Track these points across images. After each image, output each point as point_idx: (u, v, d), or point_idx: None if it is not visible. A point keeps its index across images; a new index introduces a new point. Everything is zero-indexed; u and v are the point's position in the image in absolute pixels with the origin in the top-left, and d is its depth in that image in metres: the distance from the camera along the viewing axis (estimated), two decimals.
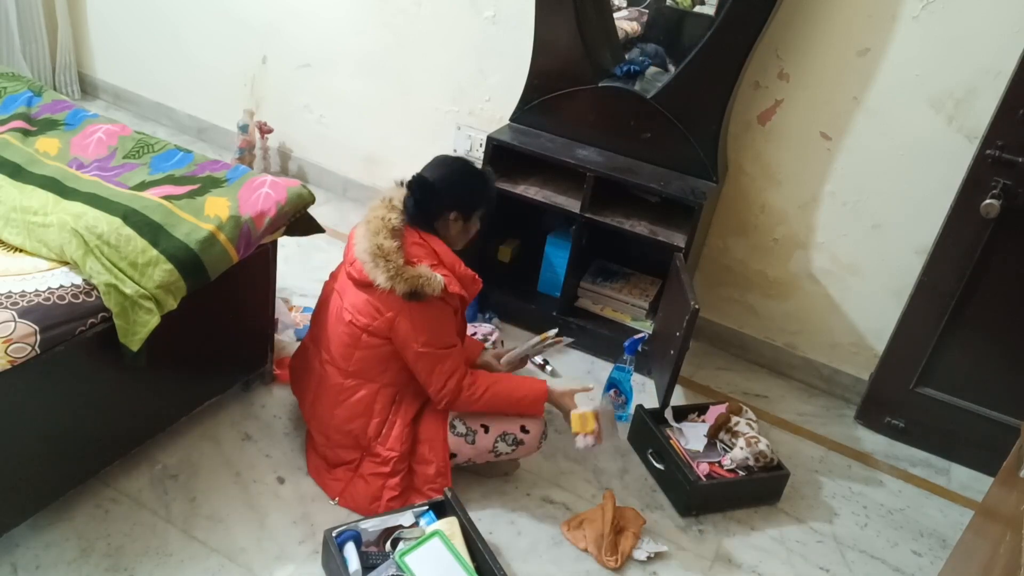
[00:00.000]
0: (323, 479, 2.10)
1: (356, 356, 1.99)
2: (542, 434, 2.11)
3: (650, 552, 2.05)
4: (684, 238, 2.54)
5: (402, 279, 1.85)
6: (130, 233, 1.83)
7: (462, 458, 2.07)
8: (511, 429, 2.06)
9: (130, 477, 2.04)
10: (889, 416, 2.66)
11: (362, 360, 1.99)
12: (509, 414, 2.05)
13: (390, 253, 1.87)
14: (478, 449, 2.06)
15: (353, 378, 2.01)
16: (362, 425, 2.02)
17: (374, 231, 1.90)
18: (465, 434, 2.04)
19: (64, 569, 1.79)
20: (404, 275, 1.86)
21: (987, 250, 2.34)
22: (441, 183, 2.00)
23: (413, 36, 3.16)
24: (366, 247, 1.89)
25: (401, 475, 2.02)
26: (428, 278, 1.87)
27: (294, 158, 3.72)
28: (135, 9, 3.84)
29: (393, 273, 1.85)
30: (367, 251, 1.89)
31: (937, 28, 2.31)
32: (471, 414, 2.04)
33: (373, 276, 1.88)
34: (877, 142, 2.50)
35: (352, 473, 2.06)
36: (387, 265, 1.86)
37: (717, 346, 3.00)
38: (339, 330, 2.01)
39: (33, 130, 2.29)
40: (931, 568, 2.20)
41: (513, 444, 2.06)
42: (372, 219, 1.93)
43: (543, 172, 2.81)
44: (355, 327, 1.96)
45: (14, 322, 1.61)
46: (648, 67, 2.75)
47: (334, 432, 2.05)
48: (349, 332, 1.98)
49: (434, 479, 2.02)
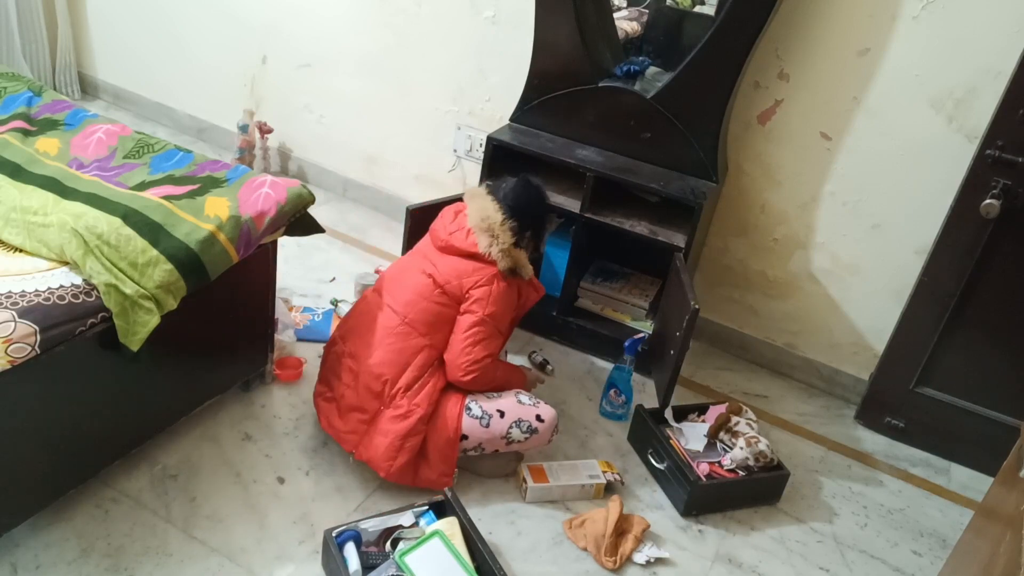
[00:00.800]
0: (337, 432, 2.12)
1: (421, 307, 2.09)
2: (555, 427, 2.15)
3: (650, 557, 2.04)
4: (684, 238, 2.54)
5: (508, 256, 2.10)
6: (130, 233, 1.83)
7: (473, 441, 2.08)
8: (526, 416, 2.10)
9: (130, 477, 2.04)
10: (889, 416, 2.66)
11: (426, 311, 2.09)
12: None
13: (503, 233, 2.10)
14: (491, 433, 2.08)
15: (409, 326, 2.09)
16: (396, 373, 2.06)
17: (492, 210, 2.12)
18: (480, 417, 2.07)
19: (64, 569, 1.79)
20: (511, 253, 2.10)
21: (987, 250, 2.34)
22: (531, 205, 2.22)
23: (413, 36, 3.17)
24: (480, 221, 2.11)
25: (420, 436, 2.04)
26: (525, 263, 2.15)
27: (294, 158, 3.72)
28: (135, 9, 3.84)
29: (504, 248, 2.09)
30: (483, 224, 2.10)
31: (937, 28, 2.31)
32: (487, 400, 2.11)
33: (484, 245, 2.08)
34: (877, 142, 2.50)
35: (366, 426, 2.07)
36: (498, 240, 2.09)
37: (717, 346, 3.00)
38: (415, 280, 2.13)
39: (33, 130, 2.29)
40: (931, 568, 2.20)
41: (527, 431, 2.10)
42: (481, 206, 2.13)
43: (543, 172, 2.80)
44: (434, 281, 2.10)
45: (14, 322, 1.60)
46: (648, 67, 2.75)
47: (365, 373, 2.08)
48: (425, 284, 2.11)
49: (444, 449, 2.05)
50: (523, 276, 2.15)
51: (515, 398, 2.14)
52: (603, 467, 2.26)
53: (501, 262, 2.08)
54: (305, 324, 2.66)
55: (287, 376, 2.43)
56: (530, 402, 2.14)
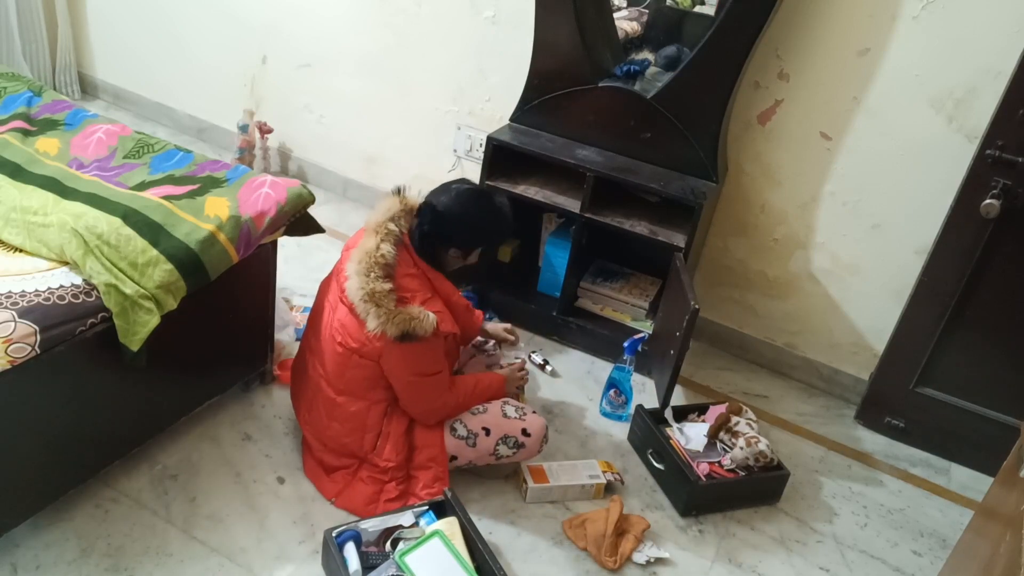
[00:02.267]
0: (320, 480, 2.10)
1: (347, 375, 1.99)
2: (543, 438, 2.12)
3: (650, 557, 2.04)
4: (684, 238, 2.54)
5: (393, 323, 1.83)
6: (130, 233, 1.83)
7: (463, 460, 2.07)
8: (512, 432, 2.07)
9: (130, 477, 2.04)
10: (889, 416, 2.66)
11: (352, 380, 1.99)
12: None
13: (382, 298, 1.83)
14: (479, 452, 2.06)
15: (344, 395, 2.01)
16: (357, 439, 2.03)
17: (365, 271, 1.85)
18: (466, 437, 2.05)
19: (64, 569, 1.79)
20: (395, 319, 1.83)
21: (987, 250, 2.34)
22: (453, 219, 1.98)
23: (413, 36, 3.16)
24: (357, 288, 1.85)
25: (399, 480, 2.03)
26: (420, 319, 1.85)
27: (294, 158, 3.72)
28: (135, 9, 3.84)
29: (384, 319, 1.82)
30: (359, 296, 1.85)
31: (937, 28, 2.30)
32: (472, 417, 2.07)
33: (364, 318, 1.85)
34: (877, 142, 2.50)
35: (350, 476, 2.07)
36: (378, 311, 1.83)
37: (717, 346, 3.00)
38: (331, 348, 2.00)
39: (33, 130, 2.29)
40: (931, 568, 2.20)
41: (514, 447, 2.07)
42: (363, 256, 1.87)
43: (543, 172, 2.81)
44: (346, 348, 1.96)
45: (14, 322, 1.60)
46: (648, 67, 2.75)
47: (330, 442, 2.06)
48: (341, 354, 1.97)
49: (432, 484, 2.03)
50: (421, 335, 1.84)
51: (501, 411, 2.09)
52: (603, 467, 2.26)
53: (389, 331, 1.82)
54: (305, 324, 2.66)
55: (288, 378, 2.42)
56: (516, 415, 2.09)
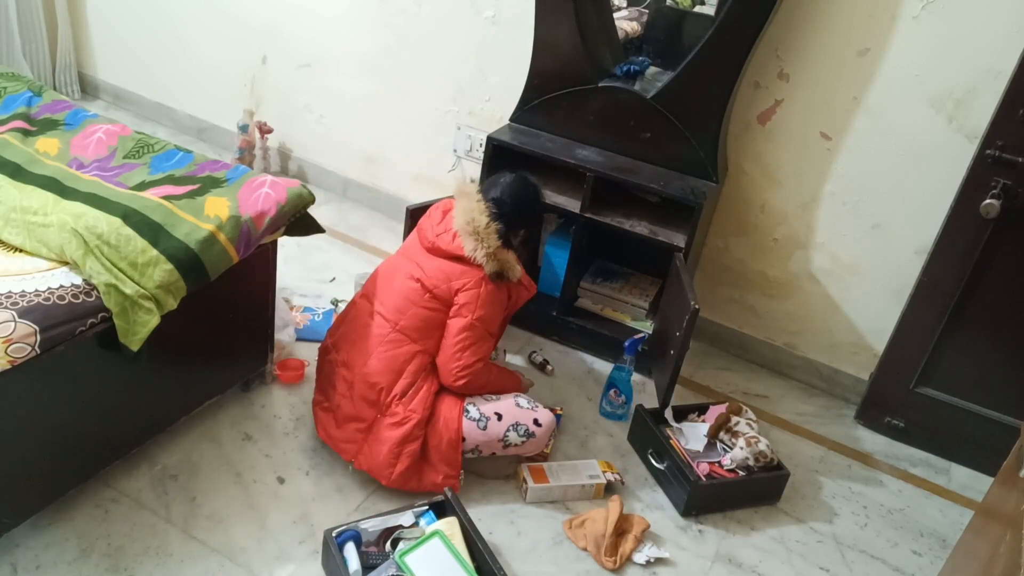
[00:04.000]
0: (335, 442, 2.12)
1: (411, 312, 2.08)
2: (552, 433, 2.14)
3: (650, 557, 2.04)
4: (684, 238, 2.54)
5: (495, 258, 2.06)
6: (130, 233, 1.83)
7: (470, 443, 2.09)
8: (524, 420, 2.10)
9: (130, 477, 2.04)
10: (889, 416, 2.66)
11: (414, 317, 2.08)
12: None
13: (489, 235, 2.06)
14: (488, 436, 2.08)
15: (400, 333, 2.08)
16: (390, 381, 2.06)
17: (478, 212, 2.07)
18: (478, 419, 2.08)
19: (64, 569, 1.79)
20: (498, 256, 2.07)
21: (987, 250, 2.34)
22: (519, 205, 2.18)
23: (413, 36, 3.17)
24: (465, 224, 2.06)
25: (419, 442, 2.04)
26: (513, 265, 2.11)
27: (294, 158, 3.72)
28: (135, 9, 3.84)
29: (490, 251, 2.06)
30: (467, 228, 2.06)
31: (937, 28, 2.31)
32: (485, 403, 2.11)
33: (470, 249, 2.05)
34: (877, 142, 2.50)
35: (364, 434, 2.07)
36: (486, 243, 2.05)
37: (717, 346, 3.00)
38: (403, 285, 2.11)
39: (33, 130, 2.29)
40: (931, 568, 2.20)
41: (524, 435, 2.10)
42: (470, 206, 2.08)
43: (543, 172, 2.80)
44: (422, 285, 2.08)
45: (14, 322, 1.60)
46: (648, 67, 2.75)
47: (360, 382, 2.07)
48: (414, 289, 2.09)
49: (447, 452, 2.05)
50: (511, 279, 2.12)
51: (514, 401, 2.14)
52: (603, 467, 2.26)
53: (487, 266, 2.06)
54: (305, 324, 2.66)
55: (289, 378, 2.43)
56: (528, 406, 2.14)
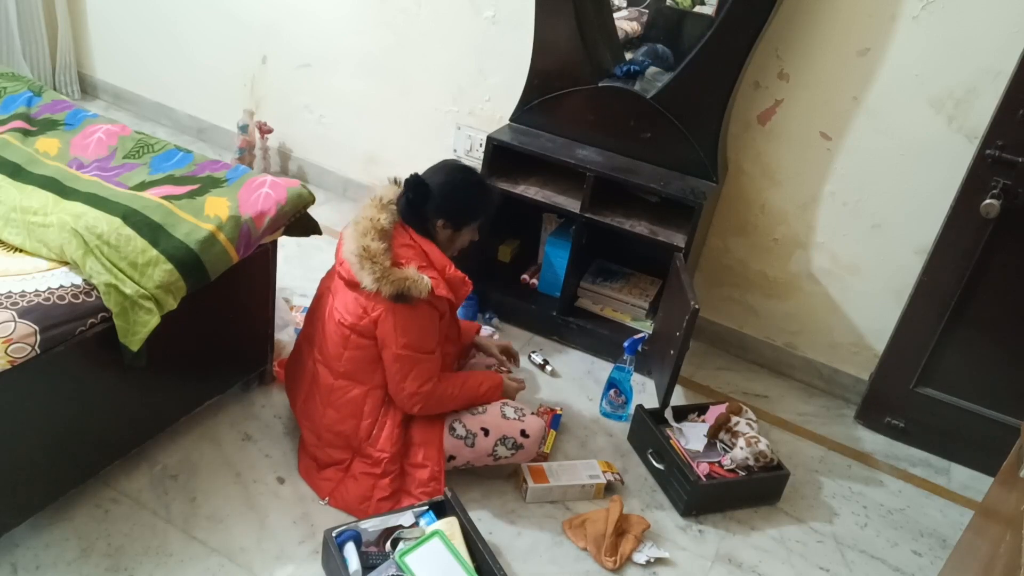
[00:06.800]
0: (313, 479, 2.10)
1: (346, 356, 1.99)
2: (541, 440, 2.11)
3: (650, 557, 2.04)
4: (684, 238, 2.54)
5: (388, 281, 1.87)
6: (130, 233, 1.83)
7: (460, 460, 2.07)
8: (511, 433, 2.07)
9: (130, 477, 2.04)
10: (889, 416, 2.66)
11: (351, 360, 2.00)
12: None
13: (377, 255, 1.88)
14: (477, 452, 2.06)
15: (343, 379, 2.02)
16: (352, 426, 2.02)
17: (362, 232, 1.91)
18: (465, 437, 2.05)
19: (64, 569, 1.79)
20: (390, 277, 1.87)
21: (987, 250, 2.34)
22: (436, 189, 2.02)
23: (413, 36, 3.16)
24: (353, 248, 1.90)
25: (392, 476, 2.02)
26: (415, 280, 1.89)
27: (294, 158, 3.72)
28: (135, 9, 3.84)
29: (379, 275, 1.87)
30: (354, 252, 1.90)
31: (937, 28, 2.30)
32: (471, 417, 2.07)
33: (360, 277, 1.89)
34: (877, 142, 2.50)
35: (343, 473, 2.06)
36: (373, 267, 1.87)
37: (717, 346, 3.00)
38: (330, 329, 2.02)
39: (33, 130, 2.29)
40: (931, 568, 2.20)
41: (513, 448, 2.07)
42: (361, 220, 1.94)
43: (543, 172, 2.81)
44: (343, 327, 1.98)
45: (14, 322, 1.61)
46: (648, 67, 2.75)
47: (325, 432, 2.06)
48: (339, 332, 1.99)
49: (427, 483, 2.02)
50: (416, 295, 1.88)
51: (500, 412, 2.10)
52: (603, 467, 2.26)
53: (383, 290, 1.86)
54: None
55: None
56: (515, 416, 2.10)
